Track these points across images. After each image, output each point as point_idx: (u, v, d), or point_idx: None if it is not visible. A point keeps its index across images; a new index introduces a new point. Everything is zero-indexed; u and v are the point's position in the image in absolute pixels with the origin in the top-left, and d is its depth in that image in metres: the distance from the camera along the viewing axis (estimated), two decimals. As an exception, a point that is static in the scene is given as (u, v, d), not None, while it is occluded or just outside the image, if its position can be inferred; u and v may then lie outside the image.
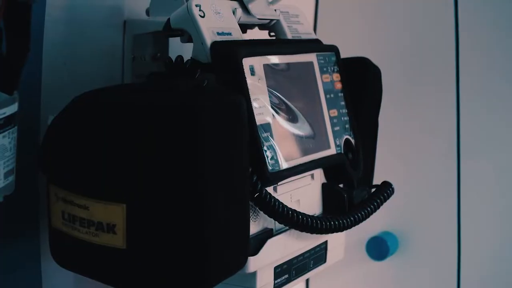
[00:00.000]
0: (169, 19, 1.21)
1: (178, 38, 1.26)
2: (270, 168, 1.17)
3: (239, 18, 1.29)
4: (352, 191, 1.42)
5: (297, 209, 1.22)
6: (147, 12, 1.39)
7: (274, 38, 1.43)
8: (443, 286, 2.13)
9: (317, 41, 1.47)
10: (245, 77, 1.16)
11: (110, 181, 1.03)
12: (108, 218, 1.03)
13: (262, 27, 1.41)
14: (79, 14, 1.35)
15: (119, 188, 1.02)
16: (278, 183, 1.24)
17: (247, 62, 1.18)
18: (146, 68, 1.41)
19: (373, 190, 1.49)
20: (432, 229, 2.12)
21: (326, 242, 1.43)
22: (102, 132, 1.04)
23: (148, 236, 1.03)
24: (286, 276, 1.31)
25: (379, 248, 2.13)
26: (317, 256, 1.41)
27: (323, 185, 1.41)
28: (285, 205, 1.19)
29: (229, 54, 1.16)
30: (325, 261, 1.45)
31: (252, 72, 1.18)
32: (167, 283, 1.04)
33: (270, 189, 1.20)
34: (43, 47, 1.24)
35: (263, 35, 1.44)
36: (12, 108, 1.03)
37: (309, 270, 1.39)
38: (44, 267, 1.30)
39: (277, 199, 1.18)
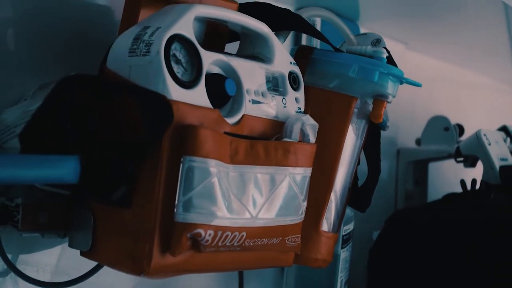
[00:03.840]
0: (458, 146, 1.17)
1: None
2: None
3: (508, 146, 1.25)
4: None
5: None
6: (418, 142, 1.36)
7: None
8: None
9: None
10: (531, 196, 1.11)
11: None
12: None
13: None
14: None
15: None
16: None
17: (530, 183, 1.13)
18: (411, 191, 1.37)
19: None
20: None
21: None
22: (435, 247, 0.98)
23: None
24: None
25: None
26: None
27: None
28: None
29: (518, 177, 1.11)
30: None
31: (533, 192, 1.13)
32: None
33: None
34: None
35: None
36: (352, 225, 1.00)
37: None
38: None
39: None
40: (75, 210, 0.67)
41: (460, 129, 1.33)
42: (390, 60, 0.83)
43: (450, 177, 1.45)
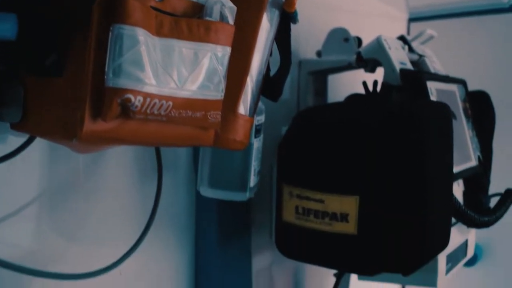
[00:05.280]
0: (359, 52, 1.23)
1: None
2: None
3: (406, 53, 1.32)
4: (485, 196, 1.42)
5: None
6: (318, 54, 1.41)
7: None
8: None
9: (448, 76, 1.48)
10: (430, 96, 1.18)
11: (345, 178, 1.03)
12: (342, 209, 1.04)
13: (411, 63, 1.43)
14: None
15: (353, 183, 1.03)
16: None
17: (428, 85, 1.20)
18: (312, 102, 1.43)
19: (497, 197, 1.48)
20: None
21: (467, 240, 1.42)
22: (336, 141, 1.04)
23: (376, 222, 1.03)
24: (450, 264, 1.30)
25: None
26: (462, 251, 1.41)
27: (465, 190, 1.41)
28: (462, 204, 1.20)
29: (418, 78, 1.19)
30: (465, 255, 1.44)
31: (431, 93, 1.20)
32: (391, 263, 1.04)
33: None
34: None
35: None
36: (263, 117, 1.04)
37: (459, 261, 1.38)
38: (255, 264, 1.29)
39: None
40: (5, 85, 0.69)
41: (359, 41, 1.40)
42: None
43: (348, 88, 1.52)
